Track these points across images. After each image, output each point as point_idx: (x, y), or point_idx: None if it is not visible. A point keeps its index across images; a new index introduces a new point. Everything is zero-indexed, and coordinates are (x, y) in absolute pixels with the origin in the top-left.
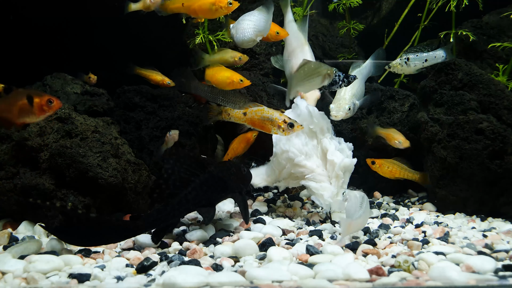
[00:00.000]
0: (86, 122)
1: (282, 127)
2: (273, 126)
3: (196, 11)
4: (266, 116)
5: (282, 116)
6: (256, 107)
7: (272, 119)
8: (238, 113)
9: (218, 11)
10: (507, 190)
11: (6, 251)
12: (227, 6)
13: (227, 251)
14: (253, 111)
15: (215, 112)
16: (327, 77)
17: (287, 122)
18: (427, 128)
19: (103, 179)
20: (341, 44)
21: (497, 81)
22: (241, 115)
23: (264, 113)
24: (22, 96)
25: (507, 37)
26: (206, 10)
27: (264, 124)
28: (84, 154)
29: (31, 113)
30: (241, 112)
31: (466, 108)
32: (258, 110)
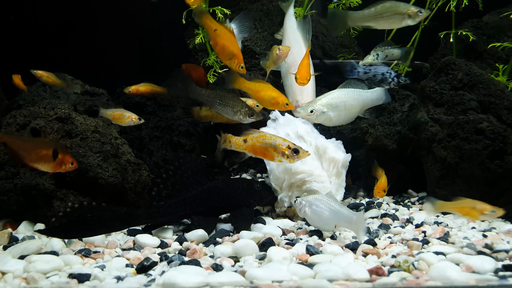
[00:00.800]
0: (86, 122)
1: (286, 153)
2: (276, 153)
3: None
4: (268, 143)
5: (285, 142)
6: (257, 133)
7: (275, 146)
8: (238, 140)
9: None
10: (507, 190)
11: (6, 251)
12: None
13: (227, 251)
14: (254, 138)
15: (222, 140)
16: (406, 17)
17: (292, 148)
18: (427, 128)
19: (103, 179)
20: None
21: (497, 81)
22: (241, 142)
23: (266, 139)
24: (48, 147)
25: (507, 37)
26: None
27: (266, 151)
28: (84, 154)
29: (48, 163)
30: (241, 140)
31: (466, 108)
32: (260, 136)
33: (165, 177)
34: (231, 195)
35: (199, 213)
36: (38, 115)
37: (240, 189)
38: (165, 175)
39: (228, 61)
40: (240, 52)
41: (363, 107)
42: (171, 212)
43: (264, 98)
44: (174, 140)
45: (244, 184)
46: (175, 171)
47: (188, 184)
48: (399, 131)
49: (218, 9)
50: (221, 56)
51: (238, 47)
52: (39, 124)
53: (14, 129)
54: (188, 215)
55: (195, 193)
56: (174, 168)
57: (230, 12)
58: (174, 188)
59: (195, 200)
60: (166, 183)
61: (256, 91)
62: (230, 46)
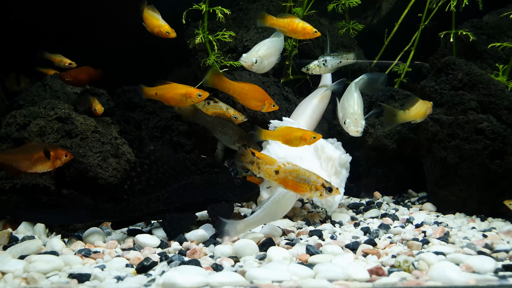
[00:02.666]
0: (86, 122)
1: (319, 191)
2: (310, 189)
3: (167, 99)
4: (302, 179)
5: (319, 180)
6: (290, 165)
7: (309, 182)
8: (269, 170)
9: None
10: (507, 190)
11: (6, 251)
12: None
13: (227, 251)
14: (287, 171)
15: (247, 159)
16: None
17: (326, 186)
18: (427, 128)
19: (103, 179)
20: (341, 44)
21: (497, 81)
22: (272, 173)
23: (300, 174)
24: (38, 150)
25: (507, 37)
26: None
27: (299, 186)
28: (84, 154)
29: (45, 164)
30: (273, 170)
31: (466, 108)
32: (293, 171)
33: (140, 171)
34: (209, 190)
35: (174, 210)
36: (38, 115)
37: (218, 184)
38: (139, 169)
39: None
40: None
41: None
42: (142, 209)
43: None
44: (174, 140)
45: (223, 179)
46: (151, 165)
47: (164, 180)
48: (399, 131)
49: (218, 9)
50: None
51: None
52: (39, 124)
53: (14, 129)
54: (161, 212)
55: (170, 189)
56: (149, 162)
57: (230, 12)
58: (148, 183)
59: (169, 197)
60: (140, 178)
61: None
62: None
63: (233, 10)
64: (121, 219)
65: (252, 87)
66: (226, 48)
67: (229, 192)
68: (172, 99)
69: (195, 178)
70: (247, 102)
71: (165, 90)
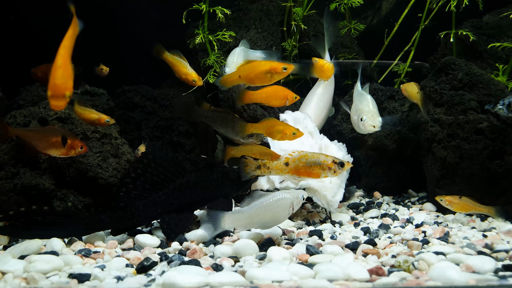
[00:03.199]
0: None
1: (332, 168)
2: (322, 170)
3: (252, 80)
4: (312, 161)
5: (329, 158)
6: (297, 153)
7: (320, 163)
8: (279, 165)
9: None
10: (507, 190)
11: (6, 251)
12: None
13: (227, 251)
14: (296, 159)
15: (252, 167)
16: None
17: (337, 162)
18: (427, 128)
19: (103, 179)
20: (341, 44)
21: (497, 81)
22: (282, 166)
23: (309, 158)
24: (57, 134)
25: (507, 37)
26: (263, 77)
27: (311, 170)
28: (84, 154)
29: (59, 149)
30: (282, 163)
31: (466, 108)
32: (302, 157)
33: (134, 176)
34: (206, 187)
35: (173, 211)
36: (38, 115)
37: (214, 180)
38: (134, 174)
39: (273, 78)
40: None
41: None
42: (140, 215)
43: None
44: (174, 140)
45: (219, 174)
46: (145, 169)
47: (159, 182)
48: (399, 131)
49: (218, 9)
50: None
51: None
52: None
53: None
54: (160, 215)
55: (166, 191)
56: (143, 166)
57: (230, 12)
58: (144, 188)
59: (166, 199)
60: (135, 183)
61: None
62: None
63: (233, 10)
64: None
65: (273, 89)
66: (226, 48)
67: (226, 187)
68: (257, 78)
69: (190, 176)
70: (273, 103)
71: (248, 70)
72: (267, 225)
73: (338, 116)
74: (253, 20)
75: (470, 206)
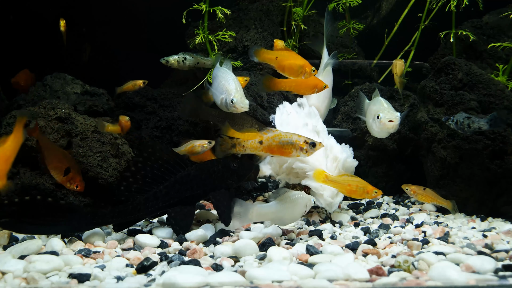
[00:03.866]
0: (86, 122)
1: (304, 148)
2: (294, 149)
3: (282, 68)
4: (285, 141)
5: (301, 138)
6: (271, 132)
7: (292, 142)
8: (253, 143)
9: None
10: (507, 190)
11: (6, 251)
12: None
13: (227, 251)
14: (270, 138)
15: (228, 145)
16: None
17: (309, 142)
18: (427, 128)
19: (103, 179)
20: (341, 44)
21: (497, 81)
22: (257, 145)
23: (282, 137)
24: (66, 163)
25: (507, 37)
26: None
27: (284, 149)
28: (84, 154)
29: (59, 176)
30: (256, 142)
31: (466, 108)
32: (275, 136)
33: (134, 170)
34: (207, 180)
35: (174, 205)
36: (38, 115)
37: (215, 172)
38: (134, 168)
39: (300, 74)
40: (303, 60)
41: None
42: (141, 209)
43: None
44: (174, 140)
45: (219, 166)
46: (145, 162)
47: (160, 175)
48: (399, 131)
49: (218, 9)
50: (293, 74)
51: (299, 57)
52: (39, 124)
53: None
54: (161, 209)
55: (167, 185)
56: (143, 159)
57: (230, 12)
58: (145, 181)
59: (167, 193)
60: (135, 177)
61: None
62: (294, 61)
63: (233, 10)
64: (121, 222)
65: (304, 81)
66: (226, 48)
67: (227, 178)
68: (288, 68)
69: (191, 168)
70: (302, 92)
71: (285, 57)
72: (285, 221)
73: (338, 116)
74: (253, 20)
75: (432, 197)
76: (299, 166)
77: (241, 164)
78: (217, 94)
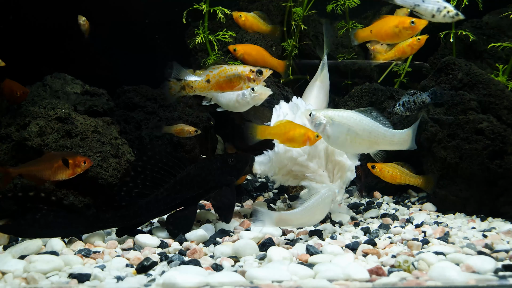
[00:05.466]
0: (86, 122)
1: (252, 77)
2: (242, 81)
3: (383, 36)
4: (231, 74)
5: (246, 68)
6: (216, 69)
7: (238, 74)
8: (201, 83)
9: (402, 32)
10: (507, 190)
11: (6, 251)
12: (410, 25)
13: (227, 251)
14: (216, 75)
15: (177, 88)
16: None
17: (255, 70)
18: (427, 128)
19: (103, 179)
20: (341, 44)
21: (497, 81)
22: (204, 84)
23: (227, 71)
24: (57, 159)
25: (507, 37)
26: (392, 33)
27: (232, 83)
28: (84, 154)
29: (65, 172)
30: (204, 81)
31: (466, 108)
32: (221, 71)
33: (134, 174)
34: (207, 178)
35: (176, 206)
36: (38, 115)
37: (215, 169)
38: (133, 173)
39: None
40: (395, 18)
41: (373, 144)
42: (142, 213)
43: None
44: (174, 140)
45: (218, 163)
46: (144, 166)
47: (160, 178)
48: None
49: (218, 9)
50: (395, 37)
51: (390, 18)
52: (39, 124)
53: (14, 129)
54: (164, 211)
55: (168, 187)
56: (142, 163)
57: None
58: (145, 185)
59: (168, 195)
60: (135, 181)
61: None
62: (389, 24)
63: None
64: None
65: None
66: (226, 48)
67: (227, 174)
68: (386, 35)
69: (190, 168)
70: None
71: (379, 26)
72: (314, 222)
73: None
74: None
75: (401, 176)
76: (299, 169)
77: (238, 158)
78: (226, 95)
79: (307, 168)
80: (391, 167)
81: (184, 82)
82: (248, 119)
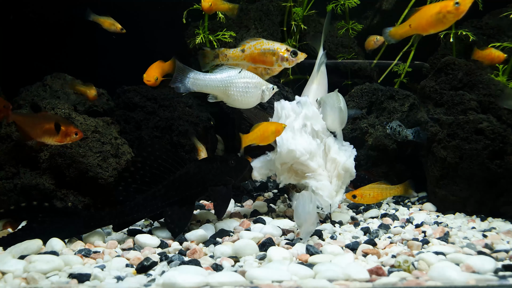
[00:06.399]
0: (86, 122)
1: (285, 56)
2: (275, 57)
3: (425, 28)
4: (267, 48)
5: (283, 46)
6: (254, 41)
7: (273, 50)
8: (235, 52)
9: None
10: (507, 190)
11: (6, 251)
12: (454, 7)
13: (227, 251)
14: (252, 46)
15: (211, 57)
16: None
17: (290, 50)
18: (427, 128)
19: (103, 179)
20: (341, 44)
21: (497, 81)
22: (239, 53)
23: (264, 45)
24: (50, 121)
25: (507, 37)
26: (434, 21)
27: (265, 58)
28: (84, 154)
29: (53, 136)
30: (239, 50)
31: (466, 108)
32: (257, 43)
33: (133, 170)
34: (206, 177)
35: (173, 203)
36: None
37: (214, 169)
38: (132, 168)
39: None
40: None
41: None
42: (139, 210)
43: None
44: (174, 140)
45: (218, 163)
46: (144, 162)
47: (159, 174)
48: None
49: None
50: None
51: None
52: None
53: (14, 129)
54: (161, 208)
55: (166, 184)
56: (142, 159)
57: None
58: (144, 181)
59: (166, 192)
60: (134, 177)
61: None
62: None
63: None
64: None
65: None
66: None
67: (226, 174)
68: (429, 25)
69: (190, 166)
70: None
71: (418, 18)
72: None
73: None
74: (253, 20)
75: (383, 194)
76: (300, 168)
77: (239, 160)
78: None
79: (307, 167)
80: (369, 189)
81: (219, 50)
82: (248, 119)
